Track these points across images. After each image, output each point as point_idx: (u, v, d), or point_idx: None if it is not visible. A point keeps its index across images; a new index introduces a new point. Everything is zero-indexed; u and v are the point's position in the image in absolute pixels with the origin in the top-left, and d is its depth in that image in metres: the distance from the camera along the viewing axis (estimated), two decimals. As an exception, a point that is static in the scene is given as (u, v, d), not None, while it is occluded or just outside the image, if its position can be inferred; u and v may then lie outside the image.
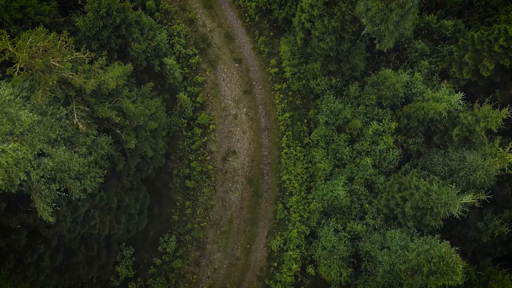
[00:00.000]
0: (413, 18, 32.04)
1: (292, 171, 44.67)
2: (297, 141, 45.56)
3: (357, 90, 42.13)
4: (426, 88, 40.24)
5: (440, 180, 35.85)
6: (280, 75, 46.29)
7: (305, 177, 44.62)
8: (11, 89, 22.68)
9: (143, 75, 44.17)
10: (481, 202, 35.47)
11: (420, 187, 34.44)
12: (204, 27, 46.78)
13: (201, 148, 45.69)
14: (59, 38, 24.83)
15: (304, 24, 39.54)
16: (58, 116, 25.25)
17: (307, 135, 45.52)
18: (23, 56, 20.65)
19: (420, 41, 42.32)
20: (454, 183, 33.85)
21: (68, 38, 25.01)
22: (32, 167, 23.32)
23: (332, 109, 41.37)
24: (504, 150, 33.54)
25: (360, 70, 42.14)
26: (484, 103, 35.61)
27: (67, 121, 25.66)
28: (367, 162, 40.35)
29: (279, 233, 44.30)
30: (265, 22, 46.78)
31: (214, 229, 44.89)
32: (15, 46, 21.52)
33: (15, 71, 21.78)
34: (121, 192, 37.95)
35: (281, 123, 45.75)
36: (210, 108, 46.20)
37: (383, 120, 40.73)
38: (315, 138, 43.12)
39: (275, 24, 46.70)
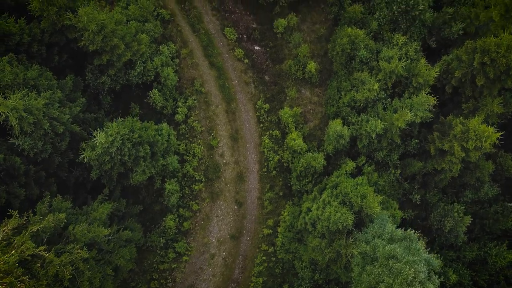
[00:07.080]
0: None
1: (241, 338, 43.07)
2: (259, 309, 43.86)
3: (334, 299, 40.26)
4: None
5: None
6: (271, 238, 44.58)
7: None
8: None
9: (141, 185, 43.18)
10: None
11: None
12: (221, 158, 45.38)
13: (167, 272, 44.37)
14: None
15: (307, 225, 37.83)
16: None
17: (272, 307, 43.80)
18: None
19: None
20: None
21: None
22: None
23: (302, 307, 39.64)
24: None
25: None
26: None
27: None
28: None
29: None
30: (280, 179, 45.09)
31: None
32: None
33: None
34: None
35: (252, 285, 44.07)
36: (192, 237, 44.84)
37: None
38: (275, 321, 41.46)
39: (288, 185, 44.98)
